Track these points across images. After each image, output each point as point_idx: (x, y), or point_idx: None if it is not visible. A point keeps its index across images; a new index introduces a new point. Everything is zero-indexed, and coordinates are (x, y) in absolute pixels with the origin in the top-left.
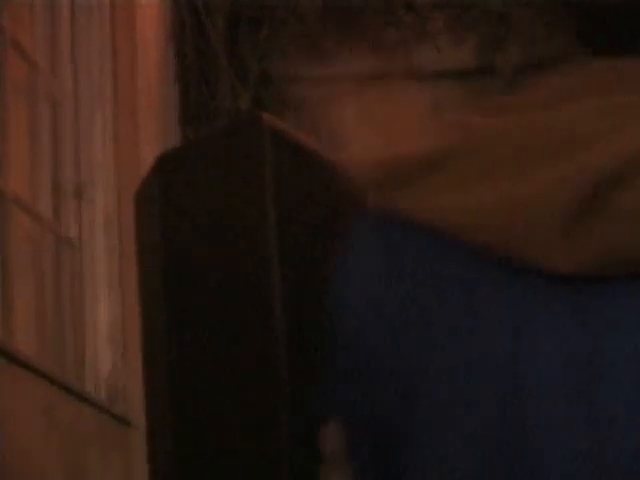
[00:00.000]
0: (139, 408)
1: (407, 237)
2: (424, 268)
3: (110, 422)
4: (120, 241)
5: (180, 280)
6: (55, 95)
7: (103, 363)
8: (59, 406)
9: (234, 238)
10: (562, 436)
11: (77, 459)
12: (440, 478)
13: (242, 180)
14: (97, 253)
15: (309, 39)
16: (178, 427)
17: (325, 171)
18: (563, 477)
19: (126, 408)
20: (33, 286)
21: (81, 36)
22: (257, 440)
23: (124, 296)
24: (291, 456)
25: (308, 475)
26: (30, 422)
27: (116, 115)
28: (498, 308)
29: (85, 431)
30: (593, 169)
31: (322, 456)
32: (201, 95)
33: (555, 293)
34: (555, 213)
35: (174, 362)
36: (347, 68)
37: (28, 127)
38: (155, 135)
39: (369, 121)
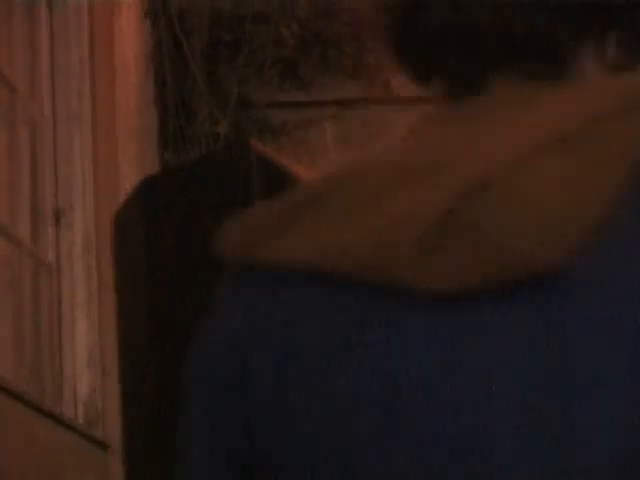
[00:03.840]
0: (117, 432)
1: (272, 287)
2: (289, 316)
3: (88, 446)
4: (98, 265)
5: (164, 305)
6: (34, 119)
7: (81, 387)
8: (37, 430)
9: (220, 263)
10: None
11: None
12: None
13: (228, 205)
14: (75, 277)
15: (288, 64)
16: (156, 452)
17: None
18: None
19: (104, 432)
20: (11, 310)
21: (60, 60)
22: None
23: (102, 320)
24: None
25: None
26: (7, 446)
27: (95, 139)
28: (358, 342)
29: (63, 455)
30: (444, 191)
31: None
32: (180, 119)
33: (414, 316)
34: (409, 235)
35: (154, 388)
36: (326, 93)
37: (7, 150)
38: (134, 159)
39: (348, 146)
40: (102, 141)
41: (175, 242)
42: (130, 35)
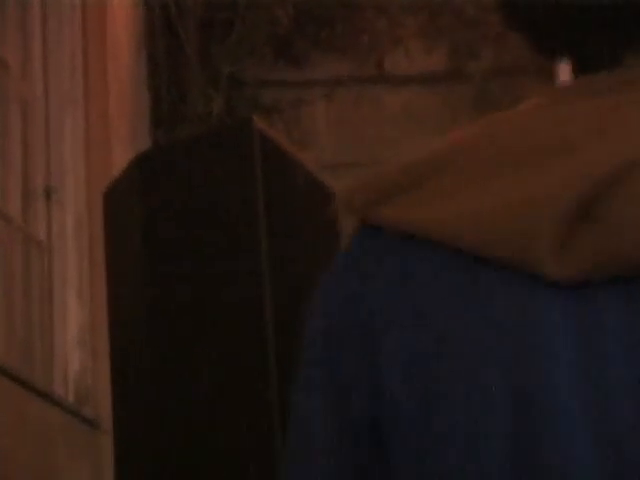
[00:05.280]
0: (107, 411)
1: (397, 250)
2: (419, 280)
3: (78, 424)
4: (90, 243)
5: (155, 283)
6: (25, 97)
7: (72, 365)
8: (27, 408)
9: (222, 235)
10: (575, 443)
11: (45, 461)
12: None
13: (231, 181)
14: (66, 255)
15: (281, 43)
16: (146, 430)
17: (308, 177)
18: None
19: (95, 411)
20: (2, 288)
21: (52, 38)
22: (230, 449)
23: (93, 298)
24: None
25: None
26: None
27: (87, 117)
28: (496, 314)
29: (53, 433)
30: (592, 172)
31: None
32: (172, 98)
33: (554, 299)
34: (552, 218)
35: (145, 366)
36: (319, 72)
37: None
38: (126, 138)
39: (341, 125)
40: (94, 119)
41: (176, 217)
42: (123, 13)
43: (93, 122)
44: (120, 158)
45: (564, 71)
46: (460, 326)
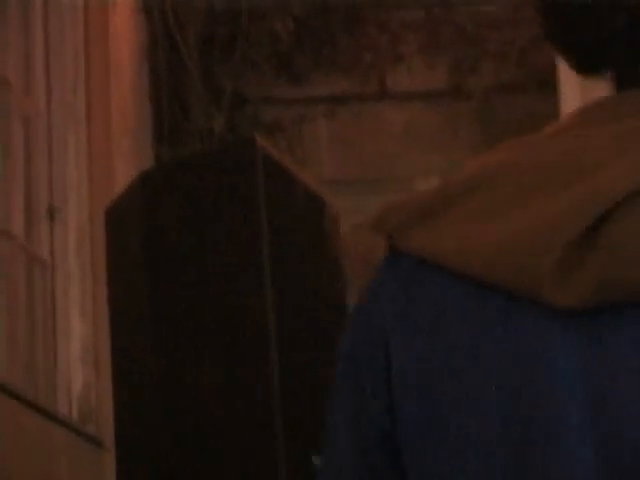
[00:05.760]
0: (111, 429)
1: (419, 276)
2: (435, 306)
3: (81, 443)
4: (92, 261)
5: (157, 301)
6: (28, 114)
7: (75, 384)
8: (30, 426)
9: (225, 252)
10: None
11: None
12: None
13: (234, 199)
14: (69, 273)
15: (283, 60)
16: (149, 448)
17: (310, 194)
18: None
19: (98, 429)
20: (5, 306)
21: (54, 54)
22: (233, 465)
23: (96, 316)
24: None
25: None
26: (0, 442)
27: (89, 135)
28: (504, 342)
29: (56, 451)
30: (591, 200)
31: None
32: (175, 115)
33: (559, 326)
34: (555, 247)
35: (148, 384)
36: (321, 89)
37: (1, 146)
38: (129, 155)
39: (343, 142)
40: (96, 137)
41: (170, 237)
42: (125, 30)
43: (95, 138)
44: (122, 174)
45: (566, 87)
46: (467, 350)
